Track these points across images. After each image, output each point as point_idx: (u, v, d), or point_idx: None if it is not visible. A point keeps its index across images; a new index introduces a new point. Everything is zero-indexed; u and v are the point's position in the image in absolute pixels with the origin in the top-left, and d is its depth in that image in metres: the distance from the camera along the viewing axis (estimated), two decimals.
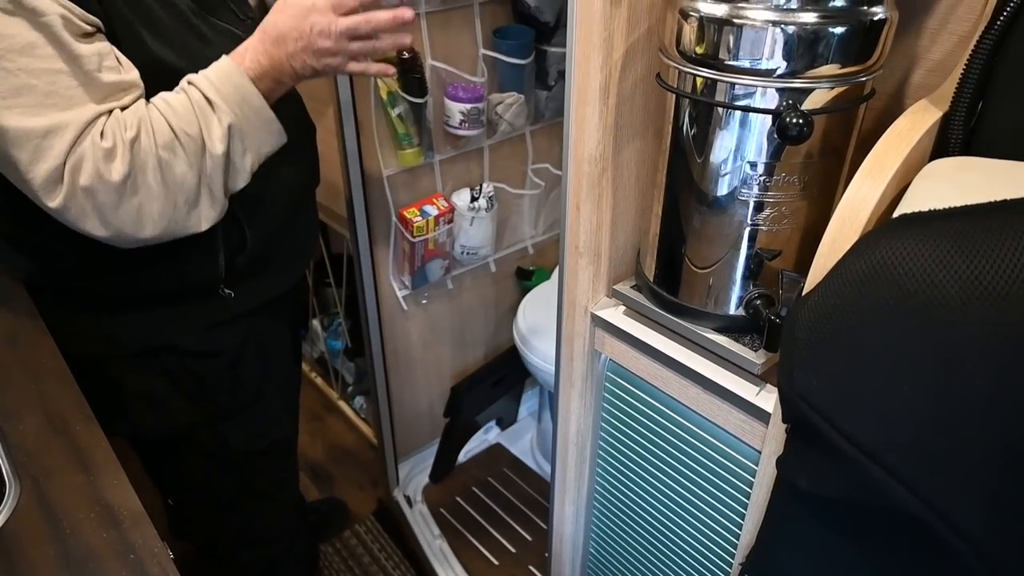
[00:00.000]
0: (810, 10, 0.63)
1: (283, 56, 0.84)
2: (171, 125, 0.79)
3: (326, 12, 0.84)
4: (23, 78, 0.72)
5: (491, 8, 1.52)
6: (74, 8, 0.75)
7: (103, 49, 0.78)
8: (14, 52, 0.72)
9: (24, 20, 0.72)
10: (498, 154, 1.68)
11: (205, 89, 0.81)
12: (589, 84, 0.77)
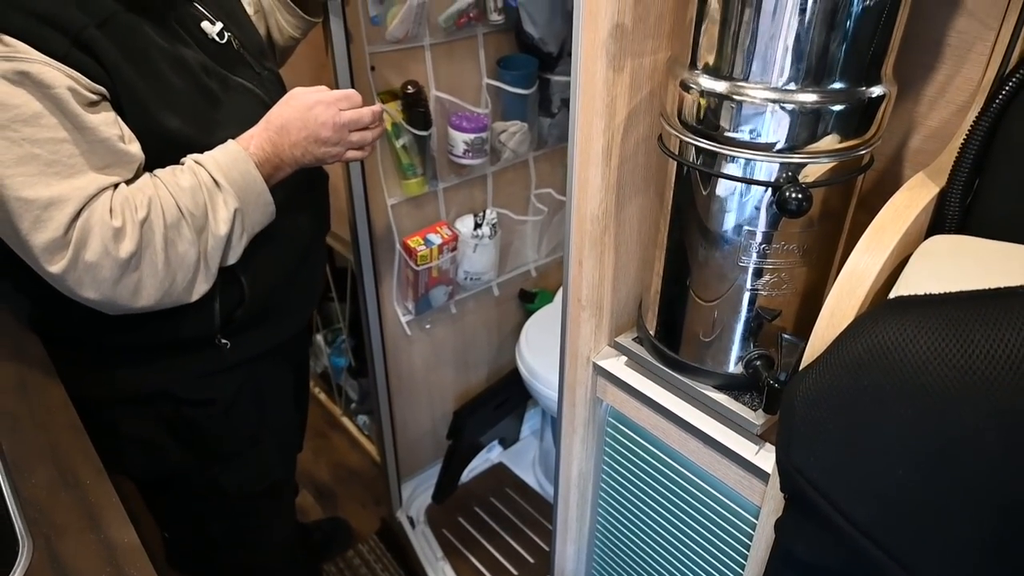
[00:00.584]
0: (809, 91, 0.64)
1: (286, 144, 0.89)
2: (179, 205, 0.81)
3: (330, 106, 0.91)
4: (27, 148, 0.74)
5: (495, 38, 1.53)
6: (81, 79, 0.77)
7: (107, 119, 0.79)
8: (19, 122, 0.73)
9: (31, 91, 0.73)
10: (501, 180, 1.69)
11: (213, 171, 0.83)
12: (592, 147, 0.78)
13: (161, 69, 0.85)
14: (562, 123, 1.67)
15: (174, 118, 0.86)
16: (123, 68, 0.80)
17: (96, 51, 0.78)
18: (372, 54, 1.36)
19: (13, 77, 0.72)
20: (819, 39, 0.62)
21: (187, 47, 0.91)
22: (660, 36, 0.77)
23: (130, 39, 0.83)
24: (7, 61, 0.72)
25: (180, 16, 0.93)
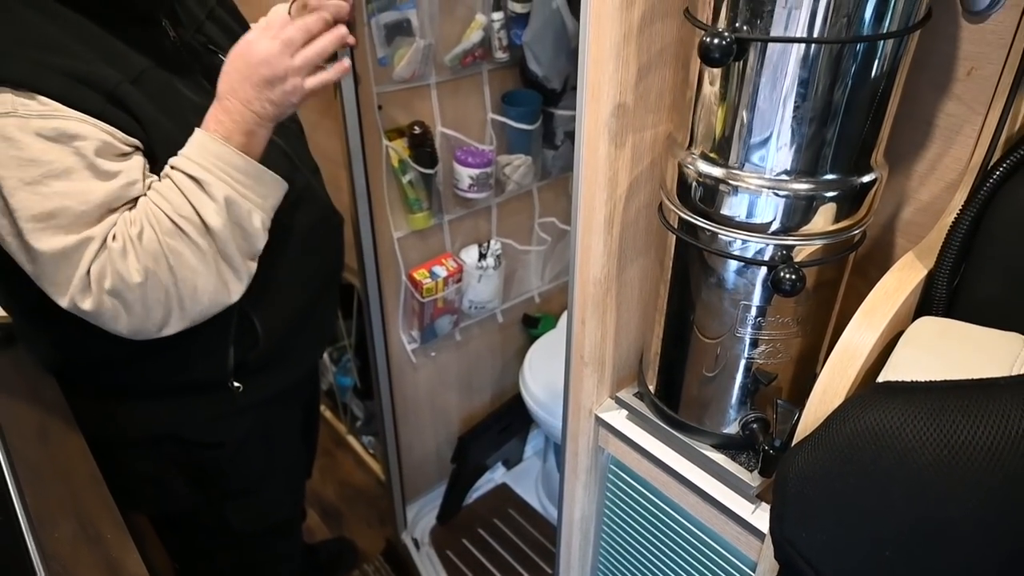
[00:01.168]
0: (802, 180, 0.67)
1: (239, 105, 0.82)
2: (166, 213, 0.80)
3: (259, 41, 0.82)
4: (58, 201, 0.76)
5: (499, 74, 1.55)
6: (115, 132, 0.79)
7: (136, 164, 0.81)
8: (52, 177, 0.76)
9: (64, 146, 0.76)
10: (505, 210, 1.72)
11: (187, 168, 0.81)
12: (595, 217, 0.80)
13: (191, 122, 0.86)
14: (565, 154, 1.69)
15: None
16: (157, 120, 0.83)
17: (130, 106, 0.81)
18: (379, 93, 1.39)
19: (48, 133, 0.75)
20: (812, 133, 0.65)
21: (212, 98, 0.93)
22: (661, 110, 0.80)
23: (161, 93, 0.85)
24: (43, 119, 0.75)
25: (206, 68, 0.95)
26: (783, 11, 0.61)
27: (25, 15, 0.78)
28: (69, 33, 0.80)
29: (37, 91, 0.75)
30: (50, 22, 0.79)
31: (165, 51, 0.89)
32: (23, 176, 0.75)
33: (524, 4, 1.44)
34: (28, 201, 0.75)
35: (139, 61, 0.85)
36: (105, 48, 0.82)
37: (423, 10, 1.34)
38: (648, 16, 0.72)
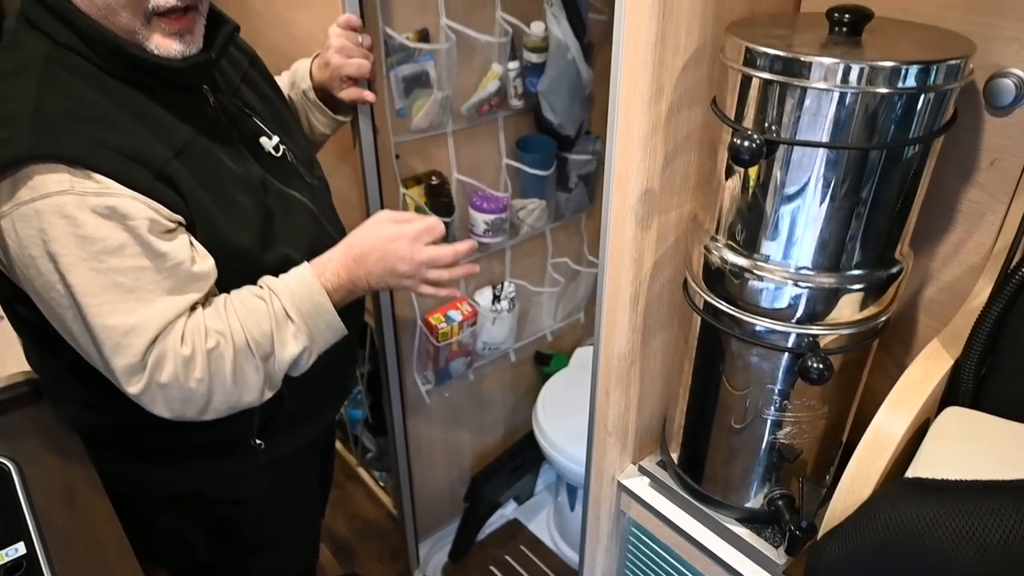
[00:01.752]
0: (828, 274, 0.68)
1: (363, 273, 0.91)
2: (247, 335, 0.84)
3: (412, 242, 0.91)
4: (112, 276, 0.78)
5: (513, 120, 1.57)
6: (161, 209, 0.81)
7: (182, 243, 0.83)
8: (106, 253, 0.77)
9: (117, 224, 0.78)
10: (519, 252, 1.73)
11: (286, 302, 0.86)
12: (620, 295, 0.82)
13: (230, 191, 0.89)
14: (579, 196, 1.71)
15: (241, 236, 0.89)
16: (199, 195, 0.85)
17: (176, 183, 0.83)
18: (397, 143, 1.41)
19: (103, 211, 0.77)
20: (837, 231, 0.66)
21: (249, 163, 0.95)
22: (685, 191, 0.81)
23: (204, 164, 0.87)
24: (98, 196, 0.77)
25: (242, 133, 0.97)
26: (811, 116, 0.62)
27: (84, 92, 0.79)
28: (122, 108, 0.82)
29: (92, 168, 0.77)
30: (105, 98, 0.81)
31: (207, 117, 0.91)
32: (79, 253, 0.76)
33: (540, 54, 1.45)
34: (84, 277, 0.77)
35: (184, 131, 0.86)
36: (154, 121, 0.84)
37: (441, 63, 1.35)
38: (676, 106, 0.73)
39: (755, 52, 0.63)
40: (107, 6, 0.79)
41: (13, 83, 0.78)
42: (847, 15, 0.64)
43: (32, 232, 0.76)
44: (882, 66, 0.58)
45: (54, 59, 0.80)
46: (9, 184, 0.75)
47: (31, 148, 0.74)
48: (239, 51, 1.06)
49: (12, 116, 0.75)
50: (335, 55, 1.17)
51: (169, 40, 0.83)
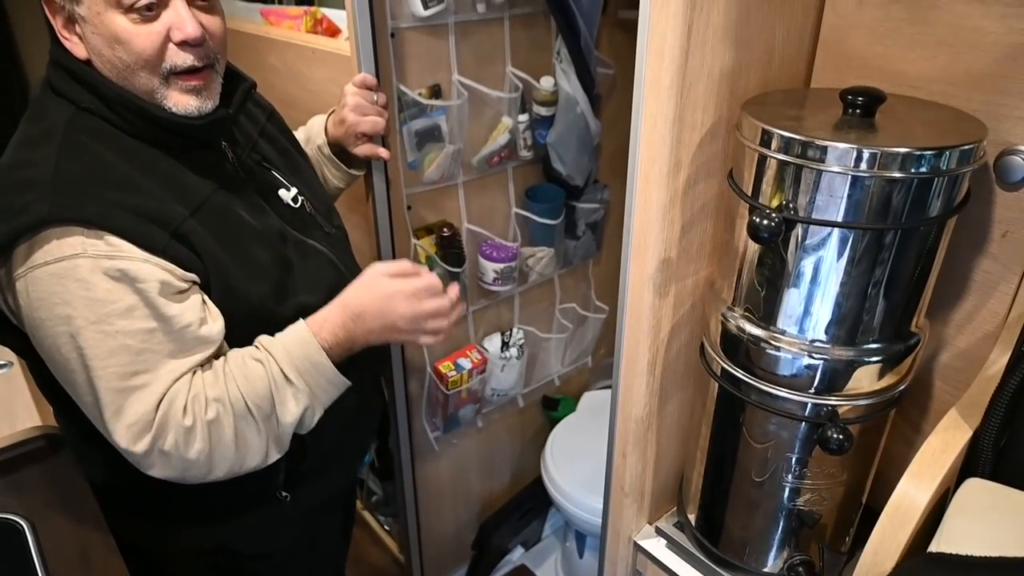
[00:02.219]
0: (844, 348, 0.69)
1: (361, 331, 0.90)
2: (247, 402, 0.84)
3: (410, 299, 0.91)
4: (120, 339, 0.79)
5: (523, 170, 1.59)
6: (174, 269, 0.82)
7: (193, 304, 0.84)
8: (115, 316, 0.78)
9: (127, 286, 0.79)
10: (527, 298, 1.74)
11: (284, 364, 0.86)
12: (638, 360, 0.82)
13: (248, 245, 0.90)
14: (586, 244, 1.72)
15: (256, 290, 0.90)
16: (215, 252, 0.86)
17: (192, 241, 0.84)
18: (409, 195, 1.43)
19: (114, 274, 0.78)
20: (854, 307, 0.67)
21: (267, 215, 0.96)
22: (702, 258, 0.82)
23: (221, 220, 0.88)
24: (109, 259, 0.78)
25: (261, 186, 0.99)
26: (826, 196, 0.64)
27: (104, 155, 0.81)
28: (141, 169, 0.83)
29: (107, 230, 0.78)
30: (125, 160, 0.82)
31: (225, 173, 0.93)
32: (89, 315, 0.77)
33: (549, 107, 1.48)
34: (93, 340, 0.78)
35: (202, 188, 0.88)
36: (173, 180, 0.86)
37: (453, 117, 1.38)
38: (692, 179, 0.75)
39: (772, 134, 0.65)
40: (126, 67, 0.81)
41: (37, 149, 0.80)
42: (860, 98, 0.66)
43: (43, 295, 0.77)
44: (897, 152, 0.60)
45: (76, 124, 0.82)
46: (26, 248, 0.77)
47: (49, 212, 0.76)
48: (257, 106, 1.08)
49: (33, 182, 0.77)
50: (350, 113, 1.19)
51: (186, 97, 0.85)
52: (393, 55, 1.28)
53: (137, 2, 0.78)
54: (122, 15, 0.78)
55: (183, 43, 0.81)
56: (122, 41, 0.79)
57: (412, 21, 1.28)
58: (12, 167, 0.80)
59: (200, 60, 0.84)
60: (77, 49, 0.82)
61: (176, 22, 0.80)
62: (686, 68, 0.67)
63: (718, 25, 0.68)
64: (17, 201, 0.76)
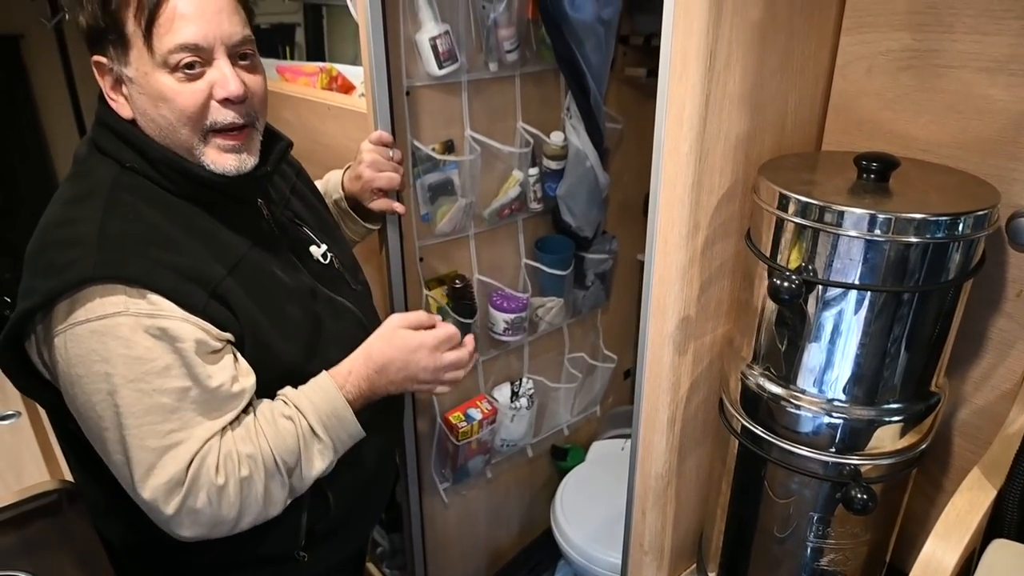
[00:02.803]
0: (863, 407, 0.70)
1: (383, 382, 0.92)
2: (277, 459, 0.85)
3: (432, 352, 0.93)
4: (156, 398, 0.79)
5: (532, 221, 1.61)
6: (211, 329, 0.82)
7: (227, 363, 0.84)
8: (153, 374, 0.79)
9: (166, 345, 0.79)
10: (536, 347, 1.75)
11: (312, 420, 0.87)
12: (658, 417, 0.83)
13: (281, 302, 0.91)
14: (595, 293, 1.74)
15: (288, 348, 0.91)
16: (250, 310, 0.87)
17: (229, 301, 0.85)
18: (421, 246, 1.44)
19: (154, 332, 0.79)
20: (873, 367, 0.68)
21: (299, 272, 0.98)
22: (719, 316, 0.83)
23: (256, 277, 0.90)
24: (150, 318, 0.79)
25: (293, 242, 1.00)
26: (844, 259, 0.65)
27: (146, 214, 0.83)
28: (182, 227, 0.85)
29: (149, 288, 0.79)
30: (167, 218, 0.84)
31: (260, 230, 0.95)
32: (127, 374, 0.78)
33: (558, 161, 1.51)
34: (129, 399, 0.78)
35: (239, 246, 0.89)
36: (211, 237, 0.87)
37: (465, 171, 1.40)
38: (710, 239, 0.77)
39: (789, 198, 0.67)
40: (169, 125, 0.84)
41: (82, 207, 0.82)
42: (875, 163, 0.68)
43: (83, 352, 0.78)
44: (913, 218, 0.62)
45: (120, 183, 0.84)
46: (67, 304, 0.78)
47: (94, 269, 0.77)
48: (287, 164, 1.11)
49: (78, 239, 0.79)
50: (367, 169, 1.21)
51: (225, 156, 0.87)
52: (408, 112, 1.31)
53: (182, 61, 0.81)
54: (168, 74, 0.81)
55: (225, 100, 0.84)
56: (167, 99, 0.82)
57: (427, 80, 1.31)
58: (58, 224, 0.82)
59: (241, 117, 0.86)
60: (123, 109, 0.85)
61: (219, 80, 0.83)
62: (704, 135, 0.69)
63: (734, 93, 0.71)
64: (61, 258, 0.78)
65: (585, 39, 1.34)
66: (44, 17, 2.05)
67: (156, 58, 0.80)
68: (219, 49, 0.82)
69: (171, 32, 0.79)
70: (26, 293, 0.80)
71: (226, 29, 0.83)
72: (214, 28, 0.81)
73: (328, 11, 2.60)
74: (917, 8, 0.72)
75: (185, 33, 0.80)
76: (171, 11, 0.79)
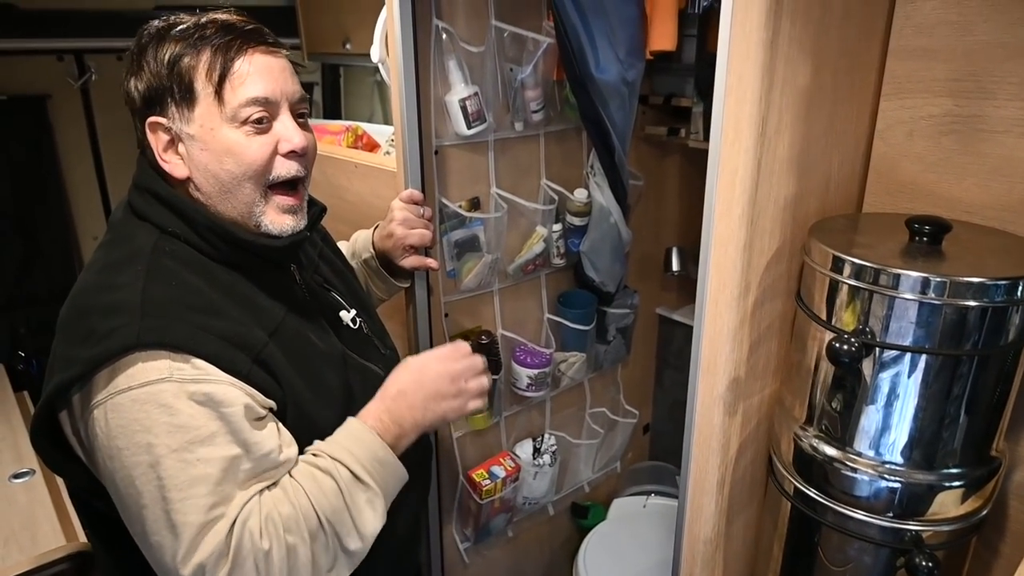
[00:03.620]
0: (923, 472, 0.69)
1: (404, 408, 0.89)
2: (319, 515, 0.81)
3: (442, 360, 0.92)
4: (201, 468, 0.76)
5: (555, 276, 1.62)
6: (255, 395, 0.81)
7: (271, 431, 0.82)
8: (197, 443, 0.76)
9: (211, 411, 0.77)
10: (558, 402, 1.73)
11: (352, 466, 0.83)
12: (707, 480, 0.82)
13: (318, 368, 0.90)
14: (616, 348, 1.73)
15: (326, 415, 0.89)
16: (291, 377, 0.85)
17: (272, 366, 0.84)
18: (447, 302, 1.45)
19: (199, 398, 0.77)
20: (932, 431, 0.68)
21: (331, 337, 0.96)
22: (767, 375, 0.83)
23: (294, 343, 0.88)
24: (195, 383, 0.77)
25: (324, 307, 0.99)
26: (900, 321, 0.65)
27: (189, 280, 0.82)
28: (224, 293, 0.84)
29: (194, 354, 0.78)
30: (209, 284, 0.83)
31: (294, 295, 0.94)
32: (170, 443, 0.75)
33: (582, 218, 1.53)
34: (173, 470, 0.75)
35: (277, 311, 0.89)
36: (251, 302, 0.87)
37: (491, 228, 1.42)
38: (760, 300, 0.77)
39: (843, 260, 0.67)
40: (232, 179, 0.84)
41: (122, 273, 0.81)
42: (927, 226, 0.68)
43: (124, 422, 0.75)
44: (972, 282, 0.62)
45: (161, 249, 0.83)
46: (107, 373, 0.76)
47: (138, 336, 0.75)
48: (315, 229, 1.11)
49: (120, 306, 0.77)
50: (399, 226, 1.22)
51: (283, 216, 0.87)
52: (436, 170, 1.33)
53: (252, 116, 0.82)
54: (236, 128, 0.83)
55: (290, 153, 0.85)
56: (234, 153, 0.83)
57: (455, 139, 1.34)
58: (98, 290, 0.81)
59: (301, 170, 0.88)
60: (177, 170, 0.85)
61: (285, 134, 0.85)
62: (756, 198, 0.70)
63: (784, 157, 0.72)
64: (103, 325, 0.76)
65: (610, 99, 1.37)
66: (71, 77, 2.09)
67: (226, 112, 0.82)
68: (284, 105, 0.85)
69: (243, 86, 0.82)
70: (64, 362, 0.78)
71: (290, 86, 0.86)
72: (280, 84, 0.84)
73: (345, 71, 2.67)
74: (958, 76, 0.74)
75: (257, 87, 0.82)
76: (243, 67, 0.82)
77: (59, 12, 2.03)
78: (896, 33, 0.77)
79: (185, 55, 0.82)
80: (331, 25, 2.41)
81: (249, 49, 0.83)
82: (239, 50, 0.83)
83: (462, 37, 1.27)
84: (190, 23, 0.84)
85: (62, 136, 2.14)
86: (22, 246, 2.16)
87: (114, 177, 2.23)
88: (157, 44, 0.84)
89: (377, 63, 1.47)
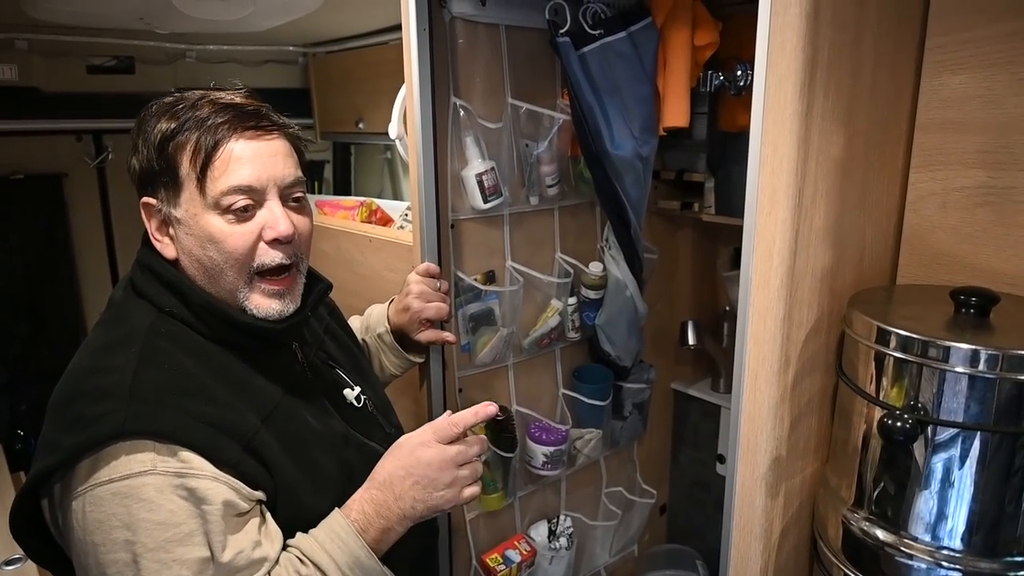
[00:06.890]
0: (983, 559, 0.64)
1: (391, 499, 0.83)
2: None
3: (431, 443, 0.85)
4: (176, 569, 0.72)
5: (570, 350, 1.59)
6: (241, 488, 0.77)
7: (252, 527, 0.78)
8: (175, 542, 0.72)
9: (193, 507, 0.73)
10: (573, 481, 1.67)
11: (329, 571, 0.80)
12: (748, 568, 0.77)
13: (314, 453, 0.86)
14: (633, 424, 1.69)
15: (320, 502, 0.85)
16: (283, 464, 0.82)
17: (263, 455, 0.80)
18: (461, 377, 1.41)
19: (182, 493, 0.73)
20: (993, 515, 0.64)
21: (332, 418, 0.93)
22: (807, 455, 0.79)
23: (290, 427, 0.85)
24: (179, 476, 0.73)
25: (327, 385, 0.96)
26: (953, 396, 0.63)
27: (182, 363, 0.79)
28: (217, 376, 0.81)
29: (181, 444, 0.74)
30: (203, 367, 0.80)
31: (295, 374, 0.91)
32: (148, 542, 0.72)
33: (597, 291, 1.51)
34: (150, 569, 0.72)
35: (272, 393, 0.86)
36: (246, 385, 0.84)
37: (506, 301, 1.40)
38: (800, 374, 0.74)
39: (889, 332, 0.65)
40: (215, 267, 0.81)
41: (115, 355, 0.78)
42: (974, 298, 0.66)
43: (102, 516, 0.72)
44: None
45: (156, 330, 0.80)
46: (90, 463, 0.72)
47: (124, 423, 0.72)
48: (322, 304, 1.09)
49: (110, 390, 0.74)
50: (415, 300, 1.21)
51: (268, 300, 0.84)
52: (452, 243, 1.33)
53: (234, 204, 0.80)
54: (219, 216, 0.80)
55: (274, 241, 0.82)
56: (216, 241, 0.80)
57: (471, 213, 1.34)
58: (90, 372, 0.78)
59: (288, 258, 0.84)
60: (167, 250, 0.83)
61: (269, 221, 0.82)
62: (794, 269, 0.69)
63: (820, 227, 0.71)
64: (91, 410, 0.73)
65: (625, 174, 1.38)
66: (88, 156, 2.13)
67: (208, 200, 0.80)
68: (272, 191, 0.82)
69: (225, 175, 0.79)
70: (48, 447, 0.75)
71: (280, 171, 0.83)
72: (268, 170, 0.82)
73: (356, 149, 2.73)
74: (990, 148, 0.73)
75: (240, 175, 0.80)
76: (227, 154, 0.80)
77: (81, 95, 2.08)
78: (924, 107, 0.77)
79: (173, 137, 0.81)
80: (344, 106, 2.47)
81: (236, 134, 0.81)
82: (226, 135, 0.80)
83: (479, 114, 1.29)
84: (187, 103, 0.83)
85: (76, 214, 2.15)
86: (30, 325, 2.15)
87: (125, 256, 2.24)
88: (152, 123, 0.82)
89: (395, 140, 1.50)
